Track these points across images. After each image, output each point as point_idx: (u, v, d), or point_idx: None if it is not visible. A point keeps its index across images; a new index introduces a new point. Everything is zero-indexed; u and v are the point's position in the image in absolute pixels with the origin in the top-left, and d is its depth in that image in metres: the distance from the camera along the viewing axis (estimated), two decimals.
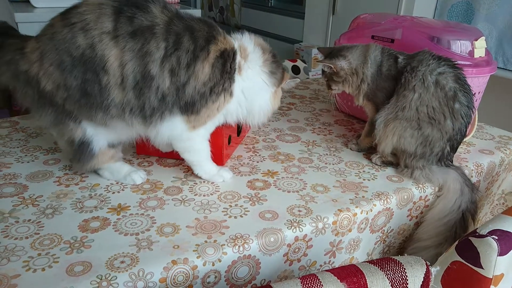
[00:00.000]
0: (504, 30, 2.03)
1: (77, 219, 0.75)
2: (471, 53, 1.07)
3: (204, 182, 0.89)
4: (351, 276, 0.54)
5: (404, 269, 0.55)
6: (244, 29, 0.92)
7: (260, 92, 0.89)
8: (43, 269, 0.62)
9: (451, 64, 0.94)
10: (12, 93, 0.81)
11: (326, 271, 0.55)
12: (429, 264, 0.58)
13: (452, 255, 0.66)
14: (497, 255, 0.61)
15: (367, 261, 0.57)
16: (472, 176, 1.02)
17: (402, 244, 0.98)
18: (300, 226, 0.76)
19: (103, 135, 0.83)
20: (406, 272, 0.55)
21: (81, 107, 0.78)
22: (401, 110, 0.94)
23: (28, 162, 0.93)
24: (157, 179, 0.89)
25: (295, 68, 1.91)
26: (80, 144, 0.82)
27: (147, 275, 0.63)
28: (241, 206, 0.81)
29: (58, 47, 0.75)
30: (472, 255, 0.63)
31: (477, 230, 0.64)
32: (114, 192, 0.84)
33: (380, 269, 0.55)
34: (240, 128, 1.06)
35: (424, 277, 0.56)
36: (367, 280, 0.54)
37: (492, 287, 0.63)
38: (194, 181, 0.89)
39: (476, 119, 1.21)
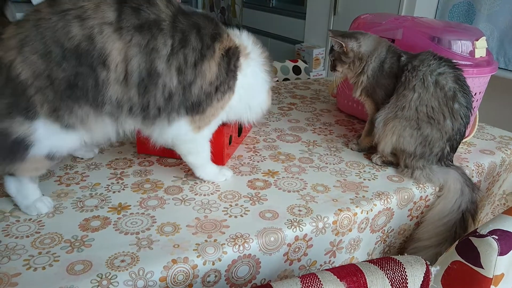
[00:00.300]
0: (506, 31, 2.03)
1: (78, 218, 0.75)
2: (472, 53, 1.07)
3: (204, 181, 0.89)
4: (350, 276, 0.54)
5: (404, 268, 0.55)
6: (245, 29, 0.92)
7: (260, 89, 0.90)
8: (44, 268, 0.63)
9: (452, 65, 0.94)
10: None
11: (326, 270, 0.55)
12: (429, 263, 0.57)
13: (452, 255, 0.65)
14: (498, 255, 0.61)
15: (367, 261, 0.57)
16: (473, 176, 1.02)
17: (402, 244, 0.98)
18: (300, 225, 0.76)
19: (51, 141, 0.73)
20: (406, 272, 0.55)
21: (63, 98, 0.70)
22: (400, 109, 0.94)
23: None
24: (157, 178, 0.89)
25: (296, 69, 1.91)
26: (16, 142, 0.70)
27: (147, 274, 0.63)
28: (241, 205, 0.81)
29: (44, 36, 0.68)
30: (472, 255, 0.63)
31: (478, 230, 0.64)
32: (114, 192, 0.84)
33: (380, 269, 0.55)
34: (241, 128, 1.06)
35: (424, 277, 0.56)
36: (367, 280, 0.54)
37: (492, 287, 0.63)
38: (195, 181, 0.89)
39: (477, 119, 1.21)
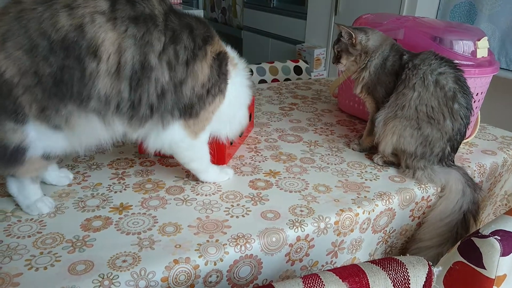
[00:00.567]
0: (507, 31, 2.02)
1: (79, 218, 0.75)
2: (473, 53, 1.07)
3: (206, 182, 0.89)
4: (353, 276, 0.54)
5: (406, 269, 0.55)
6: (247, 30, 0.92)
7: (242, 102, 0.89)
8: (45, 268, 0.62)
9: (452, 65, 0.94)
10: None
11: (328, 270, 0.54)
12: (431, 264, 0.57)
13: (454, 256, 0.65)
14: (500, 256, 0.61)
15: (369, 261, 0.57)
16: (474, 177, 1.02)
17: (404, 245, 0.98)
18: (302, 226, 0.76)
19: (44, 142, 0.71)
20: (408, 272, 0.55)
21: (50, 97, 0.66)
22: (400, 109, 0.94)
23: None
24: (159, 178, 0.89)
25: (297, 69, 1.91)
26: (14, 151, 0.69)
27: (149, 274, 0.63)
28: (243, 206, 0.81)
29: (29, 29, 0.63)
30: (474, 255, 0.63)
31: (480, 231, 0.64)
32: (116, 192, 0.84)
33: (382, 269, 0.55)
34: None
35: (426, 277, 0.56)
36: (369, 280, 0.53)
37: (494, 287, 0.63)
38: (196, 181, 0.89)
39: (479, 120, 1.21)
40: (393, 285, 0.54)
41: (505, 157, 1.11)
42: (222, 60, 0.80)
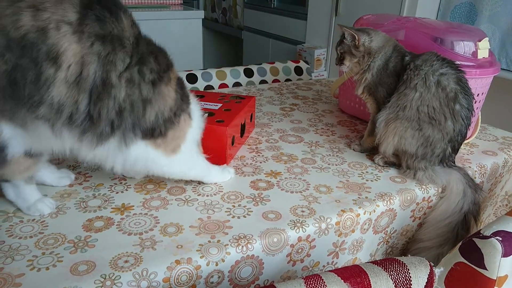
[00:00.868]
0: (508, 31, 2.03)
1: (81, 218, 0.75)
2: (474, 54, 1.07)
3: (211, 183, 0.89)
4: (354, 277, 0.54)
5: (408, 270, 0.55)
6: (247, 30, 0.92)
7: (194, 137, 0.86)
8: (47, 268, 0.63)
9: (454, 66, 0.94)
10: None
11: (329, 271, 0.55)
12: (433, 265, 0.57)
13: (455, 256, 0.65)
14: (501, 256, 0.61)
15: (370, 262, 0.57)
16: (475, 177, 1.02)
17: (405, 245, 0.98)
18: (303, 226, 0.76)
19: (20, 139, 0.69)
20: (410, 273, 0.55)
21: (6, 98, 0.64)
22: (401, 109, 0.94)
23: None
24: (160, 179, 0.89)
25: (298, 69, 1.91)
26: None
27: (151, 274, 0.63)
28: (244, 206, 0.81)
29: None
30: (476, 256, 0.63)
31: (481, 231, 0.64)
32: (117, 192, 0.84)
33: (384, 270, 0.55)
34: (243, 129, 1.06)
35: (427, 278, 0.56)
36: (371, 281, 0.54)
37: None
38: (197, 181, 0.89)
39: (480, 120, 1.21)
40: (394, 286, 0.54)
41: (505, 158, 1.11)
42: (183, 86, 0.81)
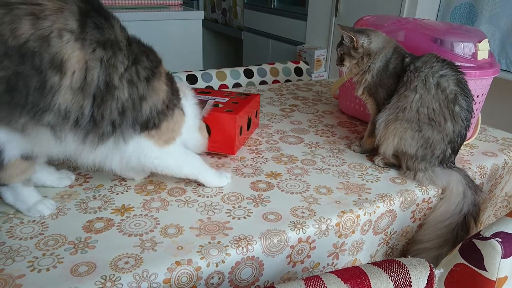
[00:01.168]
0: (507, 32, 2.03)
1: (81, 219, 0.75)
2: (474, 55, 1.07)
3: (208, 186, 0.89)
4: (355, 278, 0.54)
5: (408, 271, 0.55)
6: (247, 30, 0.93)
7: (193, 124, 0.89)
8: (48, 269, 0.63)
9: (454, 68, 0.94)
10: None
11: (329, 272, 0.55)
12: (433, 266, 0.58)
13: (455, 257, 0.66)
14: (501, 258, 0.61)
15: (370, 263, 0.57)
16: (475, 179, 1.02)
17: (405, 246, 0.98)
18: (304, 227, 0.76)
19: (17, 143, 0.69)
20: (410, 274, 0.55)
21: (2, 104, 0.65)
22: (401, 111, 0.94)
23: None
24: (160, 180, 0.90)
25: (298, 70, 1.92)
26: None
27: (151, 275, 0.63)
28: (244, 207, 0.81)
29: None
30: (475, 257, 0.63)
31: (481, 233, 0.64)
32: (118, 193, 0.84)
33: (384, 271, 0.55)
34: (249, 124, 1.08)
35: (428, 280, 0.56)
36: (371, 282, 0.54)
37: None
38: (198, 183, 0.89)
39: (480, 121, 1.21)
40: (394, 287, 0.54)
41: (505, 159, 1.11)
42: (172, 79, 0.84)
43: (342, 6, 2.71)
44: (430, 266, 0.57)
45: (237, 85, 1.76)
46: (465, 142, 1.15)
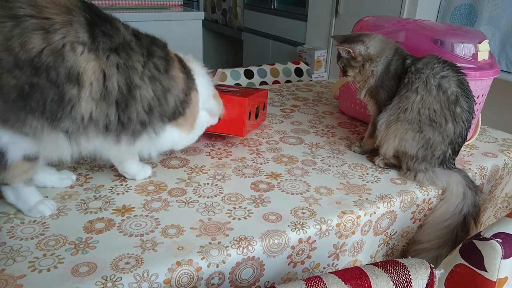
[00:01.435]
0: (507, 33, 2.03)
1: (82, 220, 0.75)
2: (474, 56, 1.07)
3: (208, 184, 0.89)
4: (355, 279, 0.54)
5: (409, 271, 0.55)
6: (247, 31, 0.95)
7: (208, 98, 0.93)
8: (49, 270, 0.63)
9: (455, 69, 0.95)
10: None
11: (330, 273, 0.55)
12: (433, 267, 0.58)
13: (456, 258, 0.66)
14: (501, 258, 0.61)
15: (371, 264, 0.57)
16: (475, 179, 1.02)
17: (405, 247, 0.98)
18: (304, 228, 0.76)
19: (20, 145, 0.69)
20: (410, 275, 0.55)
21: (13, 109, 0.65)
22: (403, 112, 0.94)
23: None
24: (161, 180, 0.90)
25: (298, 71, 1.92)
26: None
27: (152, 276, 0.63)
28: (245, 208, 0.81)
29: None
30: (476, 258, 0.63)
31: (481, 233, 0.64)
32: (118, 194, 0.84)
33: (385, 272, 0.55)
34: (257, 114, 1.12)
35: (428, 280, 0.56)
36: (372, 283, 0.54)
37: None
38: (198, 183, 0.89)
39: (480, 122, 1.21)
40: None
41: (505, 160, 1.11)
42: (182, 61, 0.86)
43: (342, 6, 2.71)
44: (430, 266, 0.57)
45: (237, 85, 1.76)
46: (465, 143, 1.15)
